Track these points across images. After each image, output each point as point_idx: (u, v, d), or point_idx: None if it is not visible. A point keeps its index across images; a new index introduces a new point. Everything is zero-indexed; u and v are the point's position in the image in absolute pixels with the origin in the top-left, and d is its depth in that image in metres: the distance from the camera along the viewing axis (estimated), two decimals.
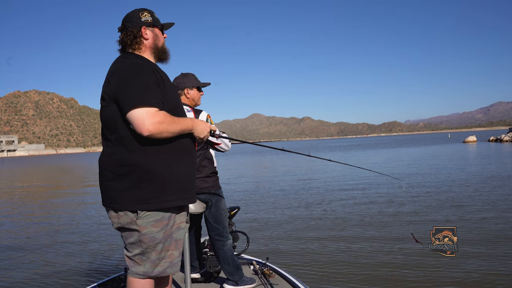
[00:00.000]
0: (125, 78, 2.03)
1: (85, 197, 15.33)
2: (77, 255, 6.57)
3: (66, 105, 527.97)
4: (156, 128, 1.96)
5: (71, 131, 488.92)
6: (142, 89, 2.00)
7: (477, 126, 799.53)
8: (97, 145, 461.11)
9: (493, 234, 6.41)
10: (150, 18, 2.25)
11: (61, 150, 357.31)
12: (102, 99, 2.12)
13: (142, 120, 1.94)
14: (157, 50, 2.27)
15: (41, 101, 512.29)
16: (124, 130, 2.04)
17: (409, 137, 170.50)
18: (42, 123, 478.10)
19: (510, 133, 49.56)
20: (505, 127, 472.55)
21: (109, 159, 2.10)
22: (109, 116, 2.08)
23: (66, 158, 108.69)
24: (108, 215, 2.19)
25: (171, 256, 2.17)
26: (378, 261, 5.41)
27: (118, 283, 3.36)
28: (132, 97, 1.97)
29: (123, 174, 2.05)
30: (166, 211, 2.11)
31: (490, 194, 10.26)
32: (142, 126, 1.94)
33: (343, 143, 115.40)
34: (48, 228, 9.15)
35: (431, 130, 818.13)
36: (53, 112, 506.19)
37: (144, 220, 2.07)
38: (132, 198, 2.04)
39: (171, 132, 2.04)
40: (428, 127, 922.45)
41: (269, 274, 3.45)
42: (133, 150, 2.03)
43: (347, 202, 10.31)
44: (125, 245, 2.19)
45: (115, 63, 2.17)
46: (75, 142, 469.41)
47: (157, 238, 2.10)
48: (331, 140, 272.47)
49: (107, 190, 2.12)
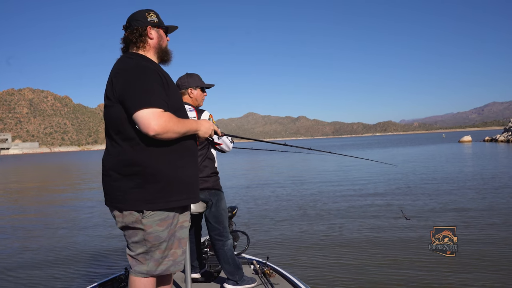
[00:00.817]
0: (130, 80, 2.05)
1: (84, 197, 15.28)
2: (76, 255, 6.55)
3: (60, 103, 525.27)
4: (162, 128, 1.98)
5: (65, 130, 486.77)
6: (148, 91, 2.02)
7: (471, 126, 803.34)
8: (92, 143, 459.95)
9: (493, 234, 6.42)
10: (156, 19, 2.28)
11: (55, 148, 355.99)
12: (106, 98, 2.13)
13: (148, 120, 1.96)
14: (160, 51, 2.30)
15: (35, 99, 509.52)
16: (130, 131, 2.05)
17: (404, 137, 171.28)
18: (36, 121, 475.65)
19: (505, 133, 49.63)
20: (499, 127, 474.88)
21: (114, 159, 2.10)
22: (115, 116, 2.09)
23: (61, 157, 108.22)
24: (112, 214, 2.20)
25: (174, 255, 2.19)
26: (378, 261, 5.42)
27: (119, 283, 3.35)
28: (137, 98, 1.99)
29: (128, 174, 2.06)
30: (171, 210, 2.13)
31: (490, 194, 10.29)
32: (148, 126, 1.96)
33: (338, 142, 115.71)
34: (47, 228, 9.12)
35: (425, 130, 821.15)
36: (47, 110, 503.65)
37: (149, 219, 2.09)
38: (138, 198, 2.06)
39: (176, 133, 2.06)
40: (422, 127, 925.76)
41: (270, 274, 3.45)
42: (139, 150, 2.05)
43: (347, 202, 10.33)
44: (128, 244, 2.19)
45: (119, 63, 2.17)
46: (69, 141, 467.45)
47: (161, 237, 2.12)
48: (326, 140, 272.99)
49: (112, 190, 2.12)
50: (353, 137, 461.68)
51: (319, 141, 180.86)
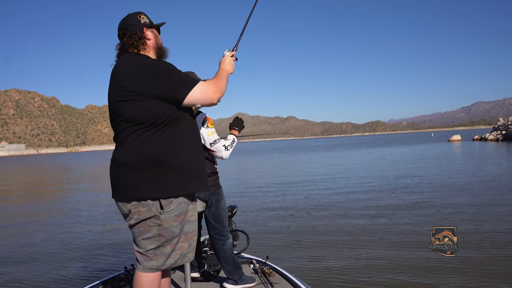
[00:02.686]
0: (163, 72, 2.14)
1: (83, 197, 15.17)
2: (76, 254, 6.53)
3: (47, 104, 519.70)
4: (217, 90, 2.21)
5: (53, 131, 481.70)
6: (182, 74, 2.18)
7: (458, 125, 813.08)
8: (80, 144, 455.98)
9: (493, 234, 6.39)
10: (148, 20, 2.35)
11: (42, 150, 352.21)
12: (129, 95, 2.10)
13: (205, 93, 2.17)
14: (158, 49, 2.36)
15: (22, 100, 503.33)
16: (158, 122, 2.12)
17: (393, 136, 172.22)
18: (23, 122, 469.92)
19: (494, 132, 49.76)
20: (485, 126, 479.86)
21: (133, 151, 2.12)
22: (148, 111, 2.10)
23: (49, 159, 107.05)
24: (123, 210, 2.22)
25: (181, 248, 2.27)
26: (377, 260, 5.40)
27: (118, 282, 3.33)
28: (183, 83, 2.13)
29: (150, 167, 2.12)
30: (184, 202, 2.21)
31: (489, 194, 10.21)
32: (210, 96, 2.18)
33: (326, 142, 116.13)
34: (46, 228, 9.07)
35: (414, 129, 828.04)
36: (34, 112, 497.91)
37: (166, 215, 2.16)
38: (158, 188, 2.13)
39: (224, 86, 2.29)
40: (411, 126, 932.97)
41: (269, 273, 3.44)
42: (162, 141, 2.12)
43: (347, 202, 10.30)
44: (137, 241, 2.23)
45: (130, 62, 2.19)
46: (57, 142, 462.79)
47: (175, 232, 2.21)
48: (316, 140, 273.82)
49: (128, 182, 2.13)
50: (342, 137, 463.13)
51: (308, 141, 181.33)
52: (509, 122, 49.52)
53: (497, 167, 17.23)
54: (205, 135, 3.14)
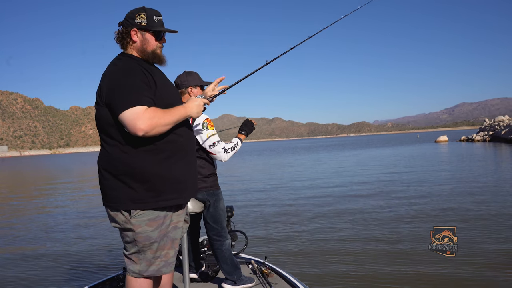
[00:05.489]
0: (114, 83, 2.05)
1: (82, 197, 15.01)
2: (75, 254, 6.50)
3: (30, 105, 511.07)
4: (148, 125, 1.96)
5: (36, 132, 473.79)
6: (130, 91, 2.00)
7: (442, 126, 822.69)
8: (64, 146, 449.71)
9: (493, 234, 6.40)
10: (145, 21, 2.18)
11: (25, 152, 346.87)
12: (96, 102, 2.14)
13: (133, 120, 1.95)
14: (144, 54, 2.22)
15: (4, 101, 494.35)
16: (118, 132, 2.06)
17: (379, 137, 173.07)
18: (5, 124, 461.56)
19: (481, 132, 49.71)
20: (469, 127, 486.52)
21: (106, 159, 2.12)
22: (103, 118, 2.10)
23: (33, 160, 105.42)
24: (107, 214, 2.22)
25: (166, 256, 2.19)
26: (376, 260, 5.41)
27: (117, 282, 3.33)
28: (120, 100, 1.98)
29: (119, 174, 2.07)
30: (162, 210, 2.12)
31: (488, 194, 10.22)
32: (134, 126, 1.95)
33: (313, 143, 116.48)
34: (45, 227, 9.01)
35: (399, 130, 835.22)
36: (17, 113, 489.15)
37: (138, 219, 2.09)
38: (127, 198, 2.07)
39: (164, 124, 2.03)
40: (396, 127, 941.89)
41: (268, 273, 3.45)
42: (128, 151, 2.06)
43: (346, 203, 10.28)
44: (123, 243, 2.22)
45: (109, 66, 2.19)
46: (40, 144, 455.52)
47: (152, 237, 2.11)
48: (301, 141, 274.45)
49: (105, 189, 2.15)
50: (328, 138, 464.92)
51: (294, 142, 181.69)
52: (496, 123, 49.89)
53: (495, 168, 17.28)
54: (204, 137, 3.14)
